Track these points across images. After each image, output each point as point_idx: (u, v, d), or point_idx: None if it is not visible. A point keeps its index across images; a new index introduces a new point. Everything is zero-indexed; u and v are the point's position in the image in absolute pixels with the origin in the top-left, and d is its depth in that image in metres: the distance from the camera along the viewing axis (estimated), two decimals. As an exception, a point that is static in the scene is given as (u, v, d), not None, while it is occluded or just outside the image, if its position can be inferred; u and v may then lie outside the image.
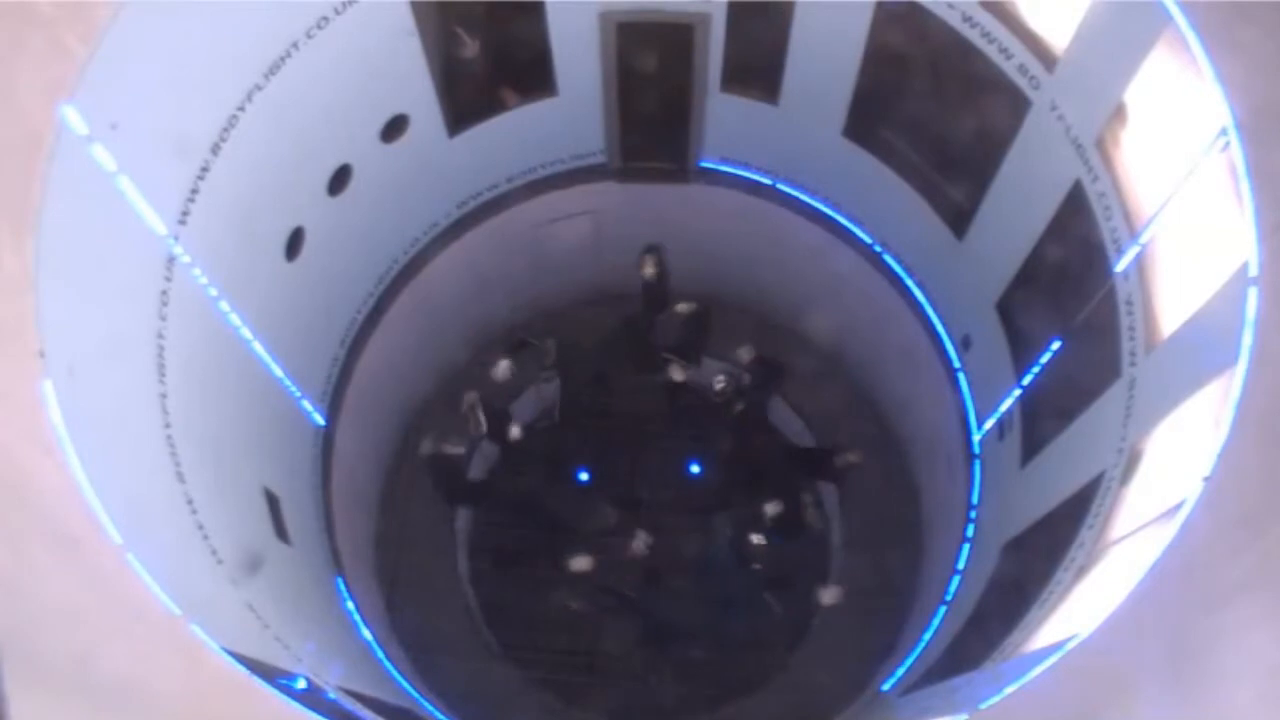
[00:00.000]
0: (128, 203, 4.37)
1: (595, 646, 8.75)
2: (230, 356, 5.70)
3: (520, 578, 9.05)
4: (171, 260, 4.78)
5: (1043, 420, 6.55)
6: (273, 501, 6.15)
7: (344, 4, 5.44)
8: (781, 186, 8.02)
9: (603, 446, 8.84)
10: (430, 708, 7.18)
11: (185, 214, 4.82)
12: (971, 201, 6.78)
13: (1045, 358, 6.34)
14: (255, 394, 6.13)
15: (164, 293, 4.74)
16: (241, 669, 3.77)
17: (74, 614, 3.29)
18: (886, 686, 7.36)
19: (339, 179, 6.32)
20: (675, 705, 8.46)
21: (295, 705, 3.88)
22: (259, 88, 5.15)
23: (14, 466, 3.35)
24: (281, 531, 6.18)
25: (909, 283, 7.86)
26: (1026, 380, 6.60)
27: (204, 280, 5.12)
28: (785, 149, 7.69)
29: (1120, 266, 5.30)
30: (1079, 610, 4.84)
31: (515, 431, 8.07)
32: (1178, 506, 3.94)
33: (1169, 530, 3.86)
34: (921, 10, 5.91)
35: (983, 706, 4.21)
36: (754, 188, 8.05)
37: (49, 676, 2.88)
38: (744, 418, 8.31)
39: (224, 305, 5.42)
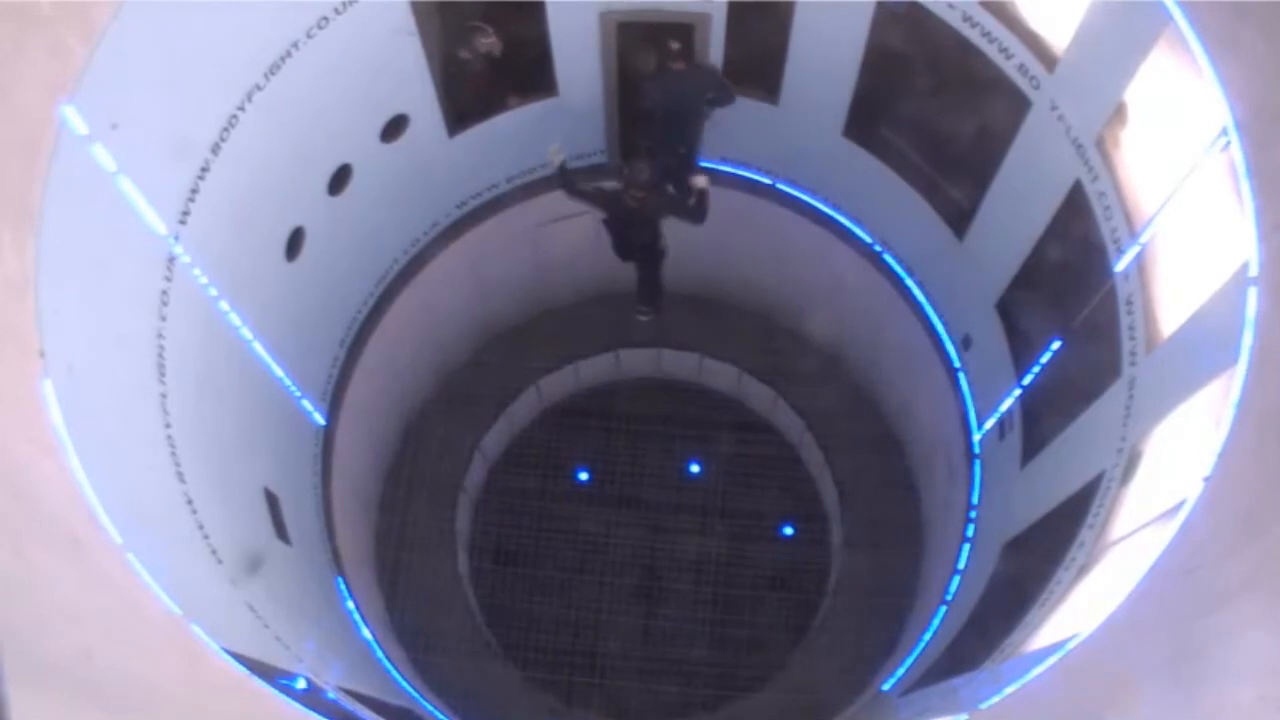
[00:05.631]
0: (128, 203, 4.37)
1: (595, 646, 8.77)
2: (230, 356, 5.70)
3: (520, 578, 9.06)
4: (171, 260, 4.78)
5: (1043, 420, 6.55)
6: (273, 501, 6.16)
7: (344, 4, 5.45)
8: (781, 186, 8.02)
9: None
10: (430, 708, 7.19)
11: (185, 214, 4.82)
12: (972, 201, 6.79)
13: (1045, 358, 6.35)
14: (255, 394, 6.13)
15: (164, 293, 4.74)
16: (241, 669, 3.77)
17: (74, 614, 3.27)
18: (886, 686, 7.36)
19: (339, 179, 6.32)
20: (675, 705, 8.46)
21: (295, 705, 3.89)
22: (259, 88, 5.15)
23: (14, 466, 3.33)
24: (281, 531, 6.18)
25: (909, 282, 7.86)
26: (1027, 380, 6.60)
27: (204, 280, 5.12)
28: (785, 149, 7.69)
29: (1120, 266, 5.30)
30: (1079, 610, 4.84)
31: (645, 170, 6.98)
32: (1178, 506, 3.93)
33: (1169, 530, 3.86)
34: (921, 10, 5.91)
35: (983, 706, 4.22)
36: (754, 188, 8.05)
37: (49, 676, 2.87)
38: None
39: (224, 305, 5.41)
